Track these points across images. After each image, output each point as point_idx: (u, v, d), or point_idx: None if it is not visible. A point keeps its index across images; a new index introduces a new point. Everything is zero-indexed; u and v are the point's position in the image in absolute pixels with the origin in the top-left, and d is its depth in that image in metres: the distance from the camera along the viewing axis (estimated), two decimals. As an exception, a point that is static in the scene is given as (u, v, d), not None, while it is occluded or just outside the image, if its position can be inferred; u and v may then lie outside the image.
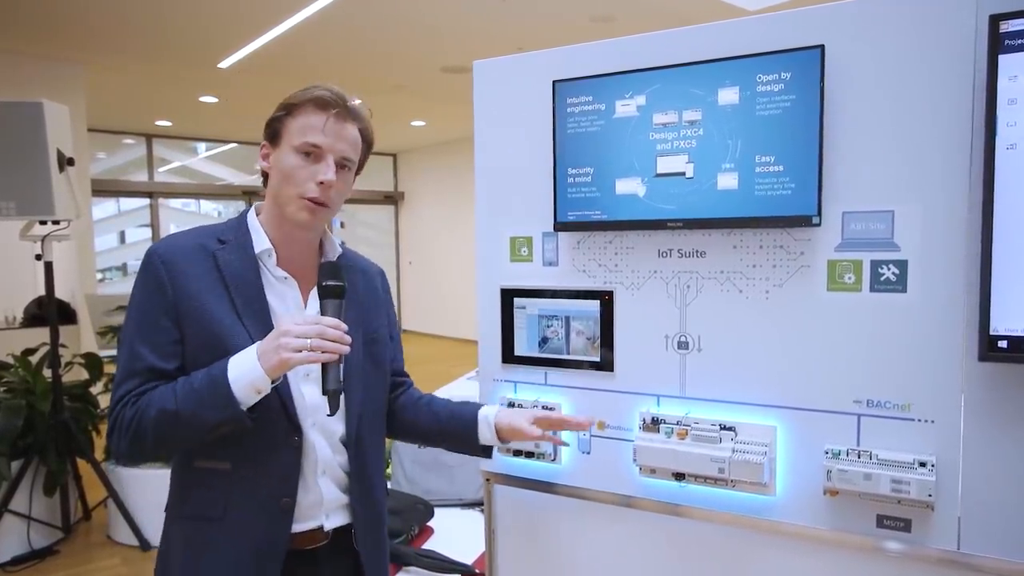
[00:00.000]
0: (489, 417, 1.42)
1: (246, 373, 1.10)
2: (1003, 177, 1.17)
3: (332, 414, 1.16)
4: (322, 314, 1.18)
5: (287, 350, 1.09)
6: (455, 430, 1.44)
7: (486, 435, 1.42)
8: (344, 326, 1.15)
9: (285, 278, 1.26)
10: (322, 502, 1.26)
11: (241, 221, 1.27)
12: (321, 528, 1.26)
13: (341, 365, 1.15)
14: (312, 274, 1.27)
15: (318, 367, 1.15)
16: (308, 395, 1.23)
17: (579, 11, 4.87)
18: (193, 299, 1.17)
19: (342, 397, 1.20)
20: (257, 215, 1.28)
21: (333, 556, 1.29)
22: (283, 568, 1.20)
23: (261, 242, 1.24)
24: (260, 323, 1.19)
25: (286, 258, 1.26)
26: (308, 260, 1.30)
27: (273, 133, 1.23)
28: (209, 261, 1.20)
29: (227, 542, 1.19)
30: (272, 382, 1.12)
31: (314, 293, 1.26)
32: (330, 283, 1.20)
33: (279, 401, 1.18)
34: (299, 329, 1.10)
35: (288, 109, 1.21)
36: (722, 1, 4.52)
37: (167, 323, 1.16)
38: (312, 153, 1.19)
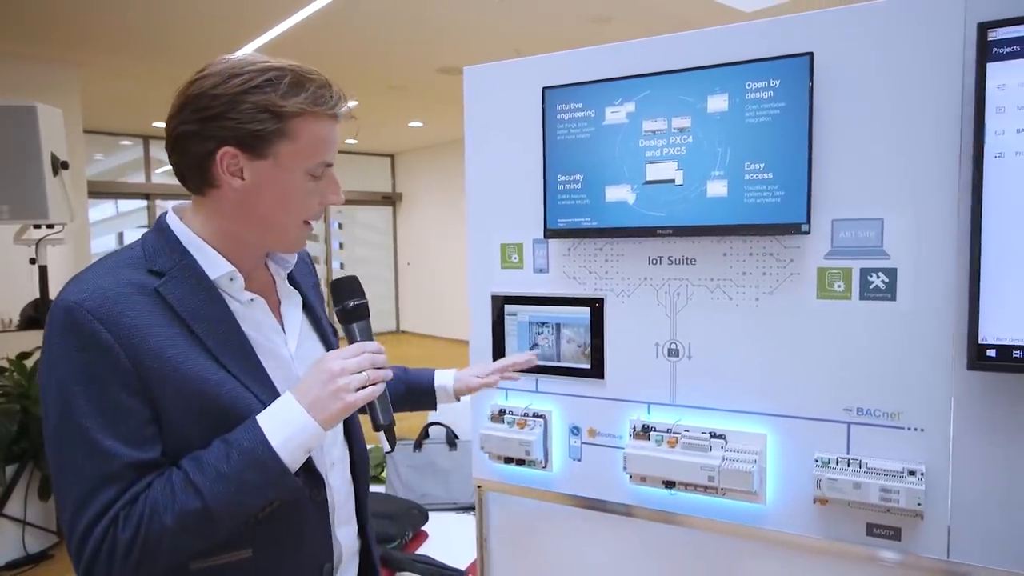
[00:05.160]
0: (448, 387, 1.47)
1: (296, 433, 0.89)
2: (992, 185, 1.16)
3: (392, 450, 1.03)
4: (350, 340, 1.01)
5: (349, 392, 0.91)
6: (414, 399, 1.47)
7: (447, 400, 1.48)
8: (383, 348, 0.98)
9: (252, 300, 1.00)
10: (342, 558, 1.09)
11: (170, 242, 0.97)
12: None
13: (387, 392, 1.00)
14: (269, 287, 1.07)
15: None
16: None
17: (577, 12, 4.87)
18: (156, 358, 0.87)
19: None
20: (186, 228, 0.99)
21: None
22: None
23: (217, 265, 0.97)
24: (247, 366, 0.95)
25: (246, 278, 1.01)
26: (263, 272, 1.08)
27: (255, 142, 0.92)
28: (154, 302, 0.90)
29: None
30: None
31: (286, 311, 1.08)
32: (356, 303, 1.01)
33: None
34: (352, 363, 0.93)
35: (282, 117, 0.92)
36: (718, 3, 4.51)
37: (131, 401, 0.86)
38: (323, 172, 0.99)
